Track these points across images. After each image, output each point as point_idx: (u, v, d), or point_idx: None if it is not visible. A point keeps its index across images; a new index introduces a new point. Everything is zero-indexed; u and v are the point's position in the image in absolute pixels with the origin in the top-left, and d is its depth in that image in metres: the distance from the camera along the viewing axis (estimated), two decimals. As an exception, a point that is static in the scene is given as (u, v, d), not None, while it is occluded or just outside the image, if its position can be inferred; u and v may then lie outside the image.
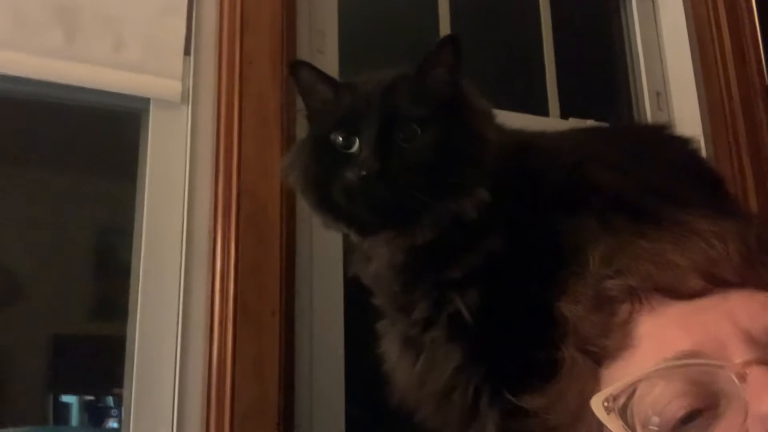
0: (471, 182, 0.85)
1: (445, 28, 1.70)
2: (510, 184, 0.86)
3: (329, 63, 1.52)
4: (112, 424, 2.08)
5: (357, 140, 0.86)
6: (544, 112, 1.79)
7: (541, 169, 0.90)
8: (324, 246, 1.38)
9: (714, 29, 1.89)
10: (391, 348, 0.95)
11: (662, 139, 1.11)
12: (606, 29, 2.05)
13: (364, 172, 0.82)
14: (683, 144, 1.11)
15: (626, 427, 0.53)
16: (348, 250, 1.02)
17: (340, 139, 0.87)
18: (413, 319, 0.89)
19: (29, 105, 1.44)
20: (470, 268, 0.85)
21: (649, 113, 1.90)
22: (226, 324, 1.24)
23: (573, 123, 1.73)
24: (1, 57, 1.22)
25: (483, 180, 0.85)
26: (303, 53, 1.46)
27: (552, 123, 1.73)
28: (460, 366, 0.86)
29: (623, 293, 0.59)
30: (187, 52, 1.35)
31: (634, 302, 0.58)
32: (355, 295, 1.07)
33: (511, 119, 0.98)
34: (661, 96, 1.92)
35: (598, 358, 0.59)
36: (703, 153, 1.64)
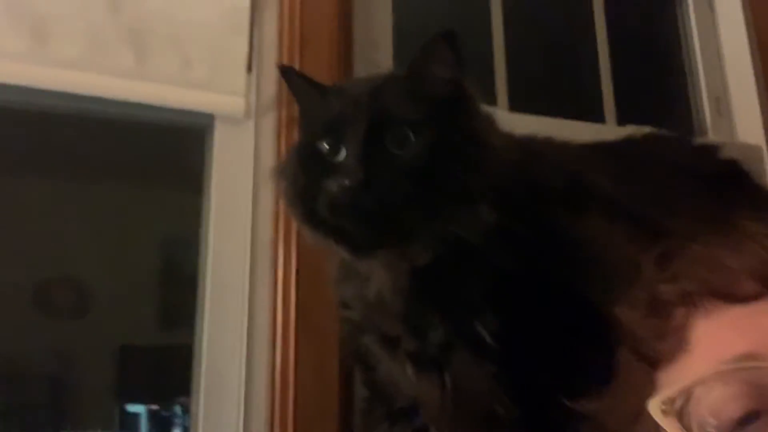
0: (471, 195, 0.77)
1: (498, 35, 1.71)
2: (516, 198, 0.79)
3: (384, 74, 1.55)
4: (177, 432, 2.13)
5: (343, 148, 0.78)
6: (600, 119, 1.78)
7: (545, 177, 0.84)
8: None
9: (775, 32, 1.85)
10: (399, 368, 0.85)
11: (680, 149, 1.08)
12: (663, 33, 2.03)
13: (347, 182, 0.75)
14: (709, 152, 1.08)
15: (683, 430, 0.53)
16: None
17: (326, 146, 0.79)
18: (429, 342, 0.81)
19: (99, 123, 1.51)
20: (484, 289, 0.78)
21: (708, 119, 1.87)
22: (288, 331, 1.27)
23: (630, 130, 1.71)
24: (78, 78, 1.28)
25: (485, 194, 0.77)
26: (359, 65, 1.50)
27: (608, 130, 1.72)
28: (492, 384, 0.80)
29: (678, 298, 0.59)
30: (249, 68, 1.40)
31: (689, 306, 0.59)
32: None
33: (565, 127, 0.97)
34: (721, 101, 1.89)
35: (654, 361, 0.60)
36: (766, 160, 1.62)
